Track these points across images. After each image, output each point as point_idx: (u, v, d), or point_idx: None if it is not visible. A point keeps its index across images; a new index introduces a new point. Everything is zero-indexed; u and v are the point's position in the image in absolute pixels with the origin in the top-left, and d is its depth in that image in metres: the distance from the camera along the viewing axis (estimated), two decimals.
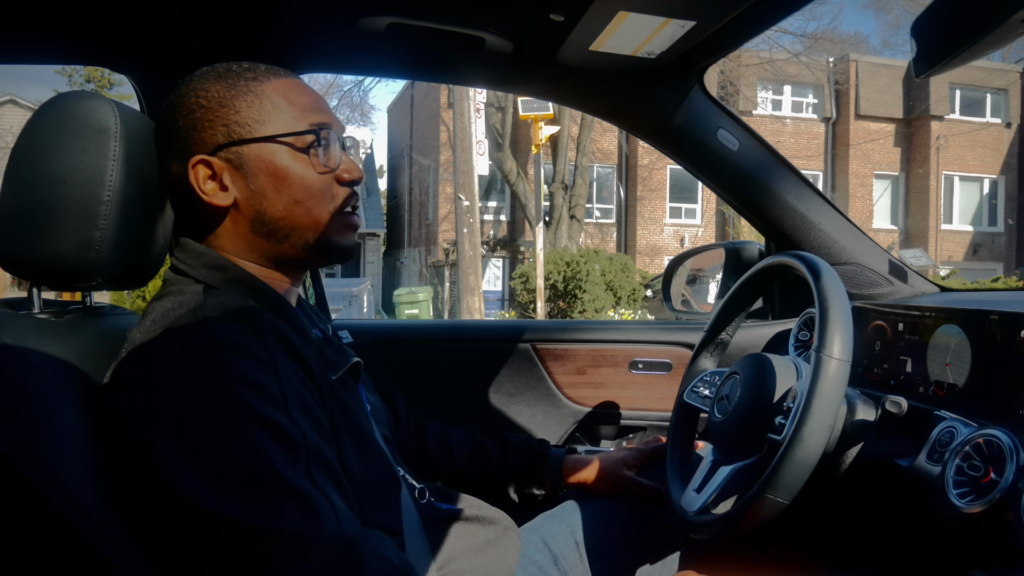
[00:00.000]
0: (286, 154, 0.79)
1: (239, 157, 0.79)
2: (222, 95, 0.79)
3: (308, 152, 0.80)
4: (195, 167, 0.79)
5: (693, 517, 0.99)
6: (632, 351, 1.59)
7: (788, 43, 17.15)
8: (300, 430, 0.67)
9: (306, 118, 0.81)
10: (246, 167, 0.79)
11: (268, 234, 0.81)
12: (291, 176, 0.79)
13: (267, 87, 0.80)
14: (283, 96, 0.81)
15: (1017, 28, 0.54)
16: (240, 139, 0.78)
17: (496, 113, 15.95)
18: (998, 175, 19.23)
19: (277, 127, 0.79)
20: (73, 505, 0.61)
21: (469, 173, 11.15)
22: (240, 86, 0.80)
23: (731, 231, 17.12)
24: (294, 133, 0.80)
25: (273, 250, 0.82)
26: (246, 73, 0.81)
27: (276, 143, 0.79)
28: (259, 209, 0.80)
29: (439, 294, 16.42)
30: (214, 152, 0.79)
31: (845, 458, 0.96)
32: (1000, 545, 0.79)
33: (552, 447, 1.20)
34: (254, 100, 0.79)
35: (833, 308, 0.89)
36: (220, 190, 0.79)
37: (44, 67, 30.66)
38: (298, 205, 0.80)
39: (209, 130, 0.79)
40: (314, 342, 0.82)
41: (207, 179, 0.79)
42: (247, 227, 0.80)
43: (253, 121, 0.79)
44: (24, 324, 0.75)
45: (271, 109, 0.80)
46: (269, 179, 0.79)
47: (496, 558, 0.93)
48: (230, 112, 0.79)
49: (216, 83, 0.80)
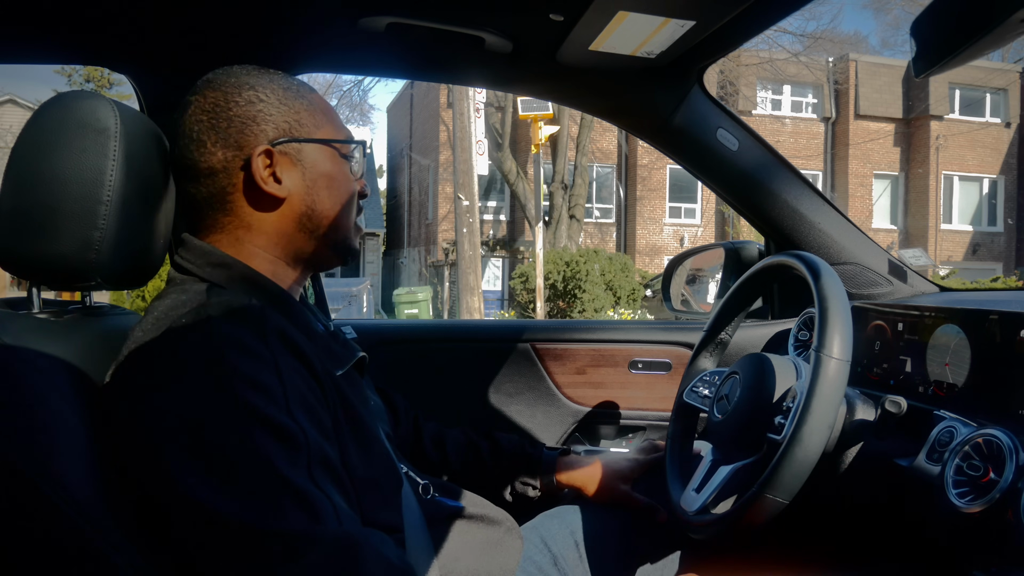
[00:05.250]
0: (336, 159, 0.86)
1: (299, 152, 0.83)
2: (280, 94, 0.83)
3: (349, 159, 0.87)
4: (260, 155, 0.80)
5: (692, 517, 0.99)
6: (632, 351, 1.59)
7: (788, 43, 17.19)
8: (302, 429, 0.67)
9: (342, 131, 0.88)
10: (305, 163, 0.83)
11: (312, 230, 0.84)
12: (339, 179, 0.86)
13: (314, 97, 0.87)
14: (324, 108, 0.87)
15: (1017, 28, 0.54)
16: (301, 137, 0.83)
17: (496, 113, 15.95)
18: (998, 175, 19.23)
19: (328, 133, 0.86)
20: (73, 505, 0.61)
21: (469, 173, 11.15)
22: (294, 89, 0.85)
23: (731, 231, 17.12)
24: (342, 141, 0.87)
25: (304, 246, 0.85)
26: (290, 79, 0.86)
27: (331, 147, 0.85)
28: (311, 205, 0.84)
29: (439, 294, 16.42)
30: (276, 144, 0.81)
31: (845, 458, 0.96)
32: (999, 545, 0.79)
33: (545, 448, 1.20)
34: (308, 105, 0.85)
35: (833, 308, 0.89)
36: (275, 182, 0.82)
37: (44, 67, 30.74)
38: (340, 207, 0.86)
39: (271, 123, 0.82)
40: (320, 338, 0.83)
41: (265, 168, 0.81)
42: (293, 221, 0.83)
43: (310, 123, 0.84)
44: (24, 324, 0.75)
45: (321, 116, 0.86)
46: (323, 178, 0.84)
47: (498, 559, 0.93)
48: (290, 111, 0.83)
49: (270, 82, 0.83)
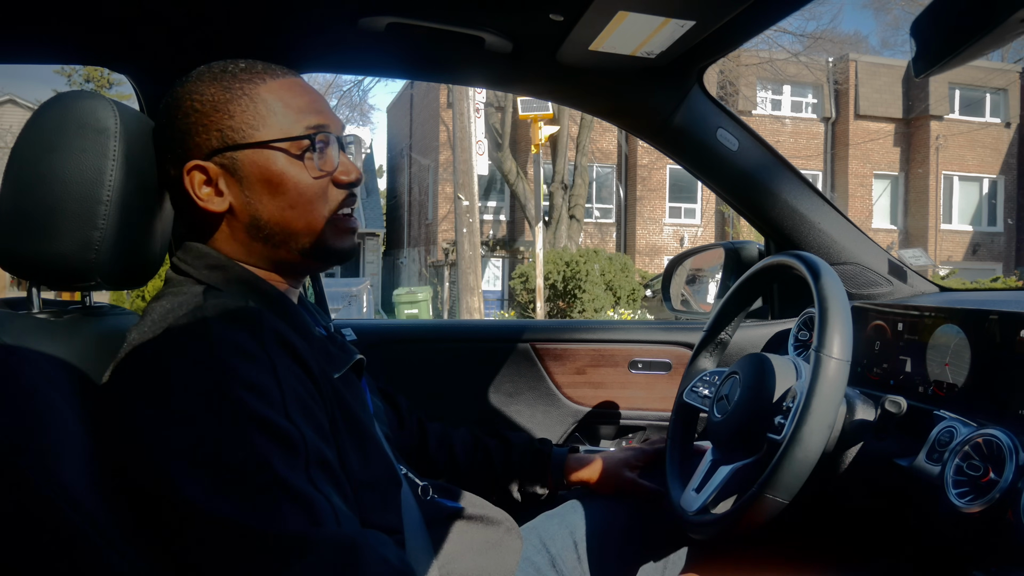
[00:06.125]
0: (281, 159, 0.78)
1: (233, 162, 0.78)
2: (217, 98, 0.78)
3: (303, 157, 0.79)
4: (190, 172, 0.78)
5: (692, 517, 0.99)
6: (632, 351, 1.59)
7: (788, 43, 17.17)
8: (299, 431, 0.67)
9: (302, 121, 0.80)
10: (240, 172, 0.78)
11: (264, 239, 0.80)
12: (285, 181, 0.79)
13: (262, 89, 0.79)
14: (279, 99, 0.80)
15: (1017, 28, 0.54)
16: (234, 144, 0.78)
17: (496, 113, 15.94)
18: (997, 175, 19.22)
19: (272, 132, 0.78)
20: (72, 505, 0.61)
21: (468, 173, 11.14)
22: (235, 89, 0.79)
23: (730, 231, 17.12)
24: (289, 139, 0.79)
25: (271, 254, 0.82)
26: (242, 75, 0.80)
27: (270, 148, 0.78)
28: (254, 215, 0.79)
29: (439, 294, 16.41)
30: (209, 157, 0.78)
31: (845, 458, 0.96)
32: (999, 545, 0.79)
33: (554, 446, 1.21)
34: (249, 104, 0.78)
35: (832, 308, 0.89)
36: (215, 195, 0.79)
37: (44, 67, 30.70)
38: (292, 210, 0.79)
39: (204, 135, 0.78)
40: (317, 340, 0.82)
41: (202, 184, 0.79)
42: (243, 232, 0.80)
43: (247, 126, 0.78)
44: (24, 324, 0.75)
45: (266, 113, 0.79)
46: (263, 185, 0.78)
47: (497, 559, 0.93)
48: (224, 117, 0.78)
49: (211, 86, 0.79)
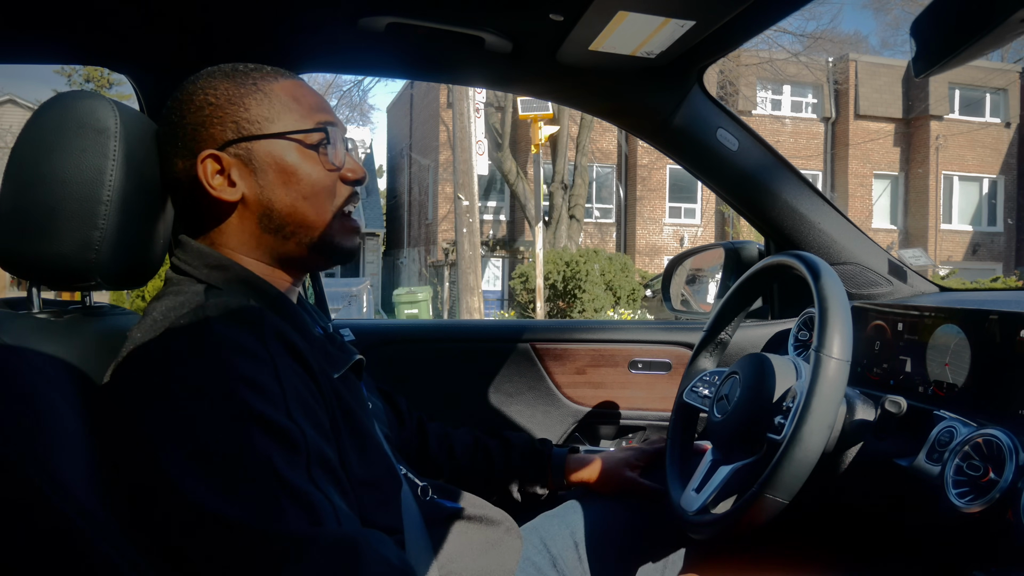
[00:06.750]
0: (295, 151, 0.81)
1: (248, 153, 0.80)
2: (231, 92, 0.80)
3: (317, 150, 0.82)
4: (204, 161, 0.79)
5: (692, 517, 0.99)
6: (632, 351, 1.59)
7: (787, 43, 17.18)
8: (300, 430, 0.67)
9: (313, 117, 0.82)
10: (255, 163, 0.80)
11: (275, 230, 0.82)
12: (300, 173, 0.81)
13: (275, 86, 0.82)
14: (290, 95, 0.82)
15: (1017, 28, 0.54)
16: (250, 135, 0.80)
17: (496, 113, 15.95)
18: (997, 175, 19.23)
19: (286, 124, 0.81)
20: (73, 505, 0.61)
21: (468, 173, 11.15)
22: (249, 84, 0.81)
23: (730, 231, 17.12)
24: (303, 131, 0.81)
25: (279, 248, 0.83)
26: (253, 73, 0.82)
27: (286, 140, 0.81)
28: (267, 205, 0.81)
29: (439, 294, 16.41)
30: (223, 148, 0.79)
31: (845, 458, 0.96)
32: (999, 545, 0.79)
33: (554, 446, 1.21)
34: (263, 98, 0.81)
35: (832, 308, 0.89)
36: (228, 185, 0.80)
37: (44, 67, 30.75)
38: (305, 201, 0.81)
39: (218, 126, 0.79)
40: (317, 340, 0.83)
41: (215, 174, 0.80)
42: (254, 223, 0.81)
43: (262, 118, 0.80)
44: (24, 324, 0.75)
45: (280, 107, 0.81)
46: (278, 175, 0.80)
47: (497, 560, 0.93)
48: (239, 109, 0.80)
49: (225, 81, 0.81)
